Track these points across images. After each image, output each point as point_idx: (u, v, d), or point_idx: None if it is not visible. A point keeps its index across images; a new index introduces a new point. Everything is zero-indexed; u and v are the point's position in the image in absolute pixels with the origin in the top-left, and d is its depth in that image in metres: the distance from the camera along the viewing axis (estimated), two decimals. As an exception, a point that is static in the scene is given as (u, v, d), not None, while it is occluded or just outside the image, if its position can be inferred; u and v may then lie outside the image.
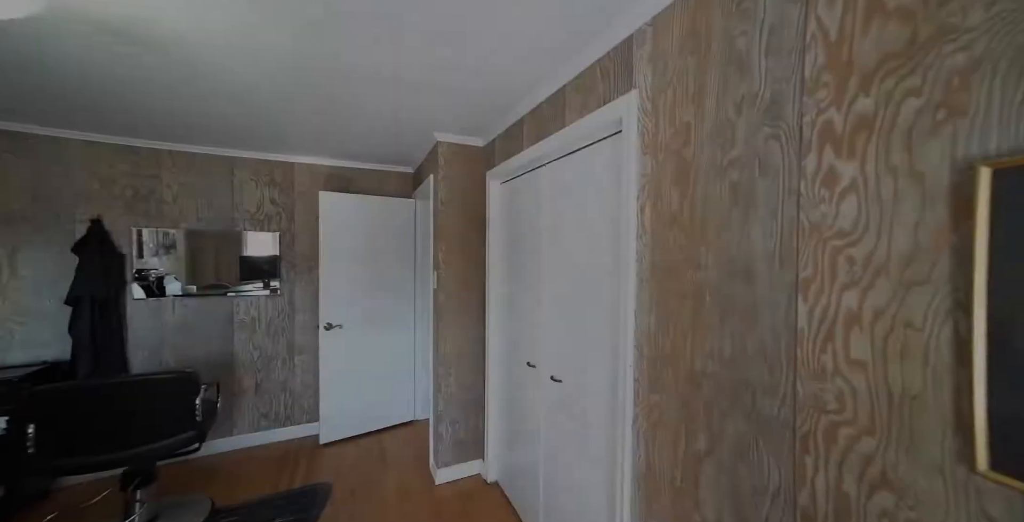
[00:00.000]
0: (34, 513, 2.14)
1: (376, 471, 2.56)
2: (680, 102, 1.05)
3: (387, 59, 1.48)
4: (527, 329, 2.03)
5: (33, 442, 1.68)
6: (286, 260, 2.92)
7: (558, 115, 1.64)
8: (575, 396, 1.60)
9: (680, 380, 1.05)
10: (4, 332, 2.30)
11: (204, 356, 2.72)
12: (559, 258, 1.72)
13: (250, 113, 2.07)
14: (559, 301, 1.72)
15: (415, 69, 1.56)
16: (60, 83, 1.73)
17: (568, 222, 1.65)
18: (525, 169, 2.03)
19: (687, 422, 1.02)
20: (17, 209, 2.30)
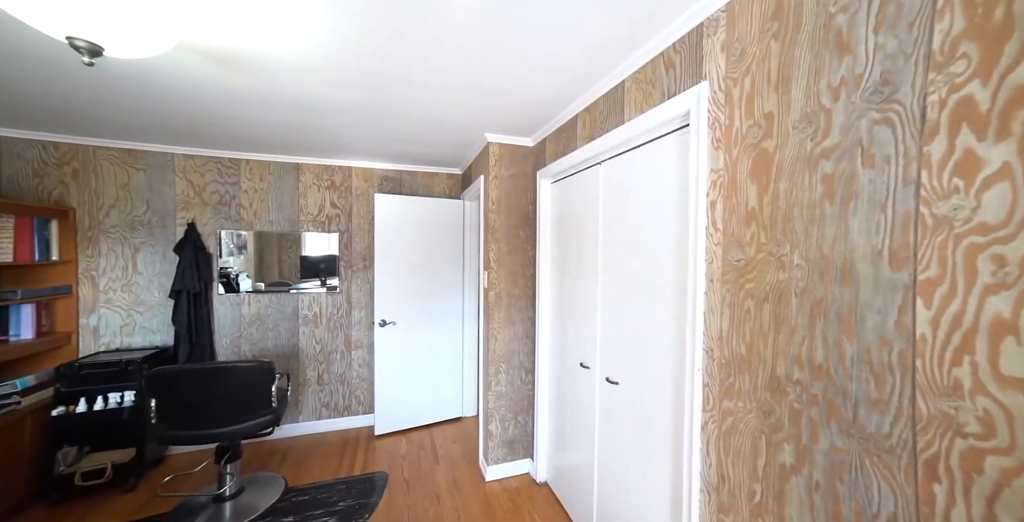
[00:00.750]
0: (155, 475, 2.48)
1: (428, 465, 2.63)
2: (760, 91, 0.98)
3: (447, 64, 1.51)
4: (580, 330, 1.99)
5: (155, 414, 1.95)
6: (344, 259, 3.07)
7: (616, 112, 1.59)
8: (634, 399, 1.54)
9: (759, 386, 0.98)
10: (128, 320, 2.62)
11: (274, 347, 2.92)
12: (615, 257, 1.67)
13: (317, 122, 2.20)
14: (616, 302, 1.67)
15: (472, 72, 1.58)
16: (170, 105, 1.93)
17: (626, 220, 1.59)
18: (578, 168, 1.99)
19: (770, 432, 0.95)
20: (137, 215, 2.61)
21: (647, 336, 1.47)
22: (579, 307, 2.00)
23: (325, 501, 2.23)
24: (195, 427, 1.99)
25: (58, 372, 2.23)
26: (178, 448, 2.72)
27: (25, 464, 2.11)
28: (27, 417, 2.12)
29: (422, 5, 1.16)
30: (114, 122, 2.21)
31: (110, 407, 2.27)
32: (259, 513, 2.11)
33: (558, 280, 2.28)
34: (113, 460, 2.26)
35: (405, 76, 1.62)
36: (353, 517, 2.10)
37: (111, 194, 2.58)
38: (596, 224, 1.82)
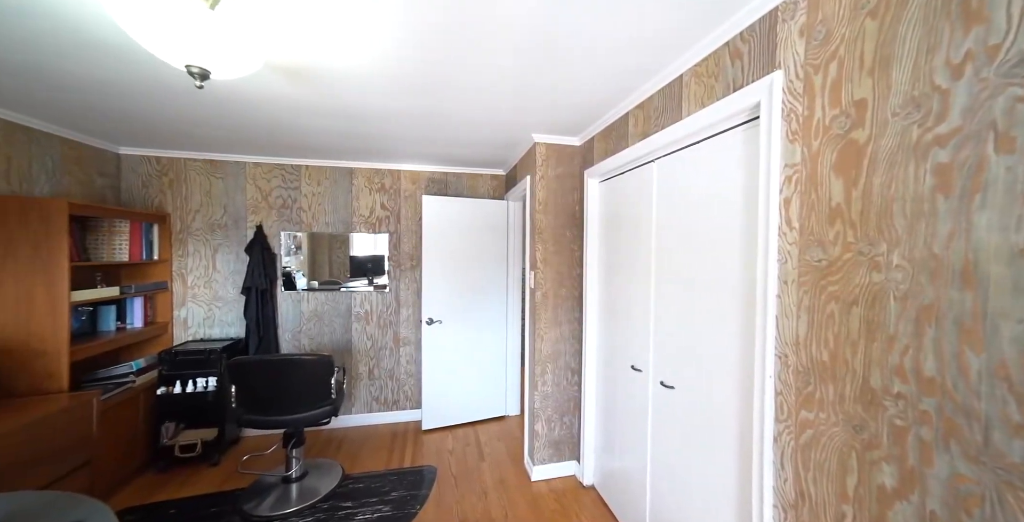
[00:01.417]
0: (233, 453, 2.72)
1: (474, 461, 2.65)
2: (849, 77, 0.89)
3: (498, 66, 1.51)
4: (631, 331, 1.92)
5: (234, 399, 2.14)
6: (392, 259, 3.17)
7: (673, 107, 1.52)
8: (692, 405, 1.47)
9: (847, 398, 0.89)
10: (209, 313, 2.88)
11: (330, 342, 3.08)
12: (670, 258, 1.59)
13: (370, 128, 2.29)
14: (671, 304, 1.60)
15: (523, 74, 1.57)
16: (246, 118, 2.10)
17: (683, 220, 1.52)
18: (628, 166, 1.93)
19: (862, 449, 0.86)
20: (215, 219, 2.87)
21: (707, 340, 1.39)
22: (630, 309, 1.93)
23: (379, 490, 2.31)
24: (266, 413, 2.14)
25: (160, 357, 2.51)
26: (250, 431, 2.94)
27: (141, 434, 2.43)
28: (140, 394, 2.42)
29: (483, 8, 1.16)
30: (201, 136, 2.43)
31: (198, 390, 2.51)
32: (320, 497, 2.22)
33: (606, 281, 2.22)
34: (201, 437, 2.49)
35: (455, 80, 1.64)
36: (405, 507, 2.16)
37: (197, 200, 2.84)
38: (649, 224, 1.75)
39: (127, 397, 2.31)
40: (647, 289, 1.77)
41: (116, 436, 2.24)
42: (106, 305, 2.45)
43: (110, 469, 2.19)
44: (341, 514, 2.10)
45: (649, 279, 1.75)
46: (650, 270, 1.75)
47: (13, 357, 1.98)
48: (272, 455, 2.66)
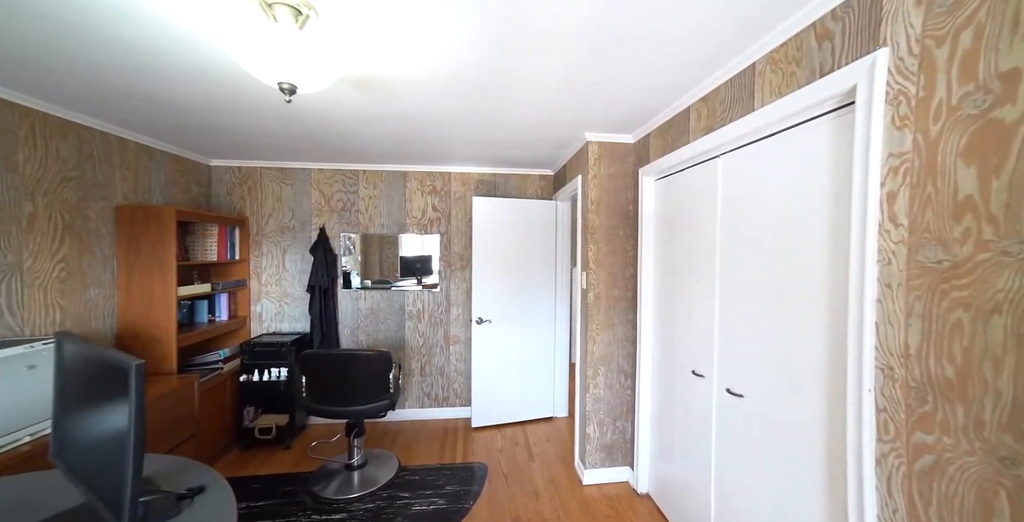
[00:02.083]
0: (301, 439, 2.90)
1: (524, 461, 2.63)
2: (991, 45, 0.75)
3: (555, 66, 1.48)
4: (692, 335, 1.81)
5: (305, 388, 2.28)
6: (443, 259, 3.23)
7: (743, 98, 1.40)
8: (765, 416, 1.34)
9: (988, 424, 0.75)
10: (280, 309, 3.11)
11: (385, 339, 3.19)
12: (738, 258, 1.47)
13: (425, 132, 2.34)
14: (738, 308, 1.47)
15: (580, 71, 1.52)
16: (315, 127, 2.23)
17: (753, 218, 1.40)
18: (689, 163, 1.81)
19: (1016, 489, 0.72)
20: (285, 222, 3.10)
21: (783, 347, 1.26)
22: (690, 311, 1.82)
23: (433, 483, 2.36)
24: (332, 403, 2.25)
25: (242, 347, 2.75)
26: (316, 419, 3.13)
27: (228, 416, 2.69)
28: (227, 380, 2.67)
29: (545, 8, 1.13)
30: (274, 146, 2.61)
31: (272, 380, 2.71)
32: (380, 485, 2.30)
33: (663, 282, 2.11)
34: (276, 423, 2.69)
35: (512, 82, 1.63)
36: (459, 501, 2.18)
37: (269, 205, 3.06)
38: (712, 222, 1.63)
39: (217, 382, 2.56)
40: (710, 291, 1.65)
41: (211, 415, 2.49)
42: (200, 300, 2.70)
43: (207, 444, 2.45)
44: (399, 504, 2.16)
45: (712, 281, 1.63)
46: (714, 271, 1.63)
47: (140, 342, 2.28)
48: (336, 443, 2.80)
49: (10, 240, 1.77)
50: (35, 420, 1.49)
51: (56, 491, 1.06)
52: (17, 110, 1.79)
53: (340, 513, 2.09)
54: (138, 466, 0.79)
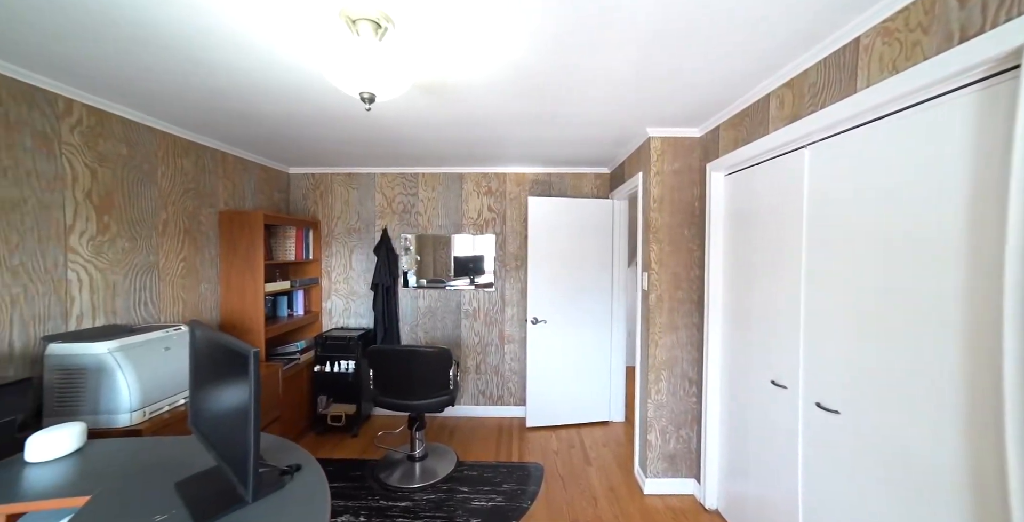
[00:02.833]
0: (366, 428, 3.08)
1: (580, 464, 2.59)
2: None
3: (618, 60, 1.44)
4: (771, 342, 1.66)
5: (372, 380, 2.42)
6: (498, 259, 3.27)
7: (841, 80, 1.27)
8: (870, 438, 1.20)
9: None
10: (347, 306, 3.35)
11: (442, 337, 3.30)
12: (830, 258, 1.33)
13: (485, 134, 2.40)
14: (831, 313, 1.33)
15: (645, 63, 1.48)
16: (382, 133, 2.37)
17: (849, 213, 1.26)
18: (767, 155, 1.68)
19: None
20: (351, 224, 3.33)
21: (897, 360, 1.11)
22: (769, 316, 1.68)
23: (490, 480, 2.39)
24: (396, 396, 2.37)
25: (315, 340, 2.97)
26: (379, 410, 3.31)
27: (305, 402, 2.93)
28: (304, 370, 2.92)
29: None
30: (344, 153, 2.81)
31: (341, 371, 2.90)
32: (440, 478, 2.38)
33: (734, 284, 1.97)
34: (345, 411, 2.88)
35: (575, 79, 1.62)
36: (516, 500, 2.19)
37: (338, 208, 3.29)
38: (797, 219, 1.49)
39: (296, 371, 2.81)
40: (794, 294, 1.51)
41: (291, 401, 2.74)
42: (281, 296, 2.98)
43: (289, 426, 2.70)
44: (459, 497, 2.22)
45: (797, 283, 1.49)
46: (799, 272, 1.49)
47: (237, 332, 2.57)
48: (399, 435, 2.93)
49: (151, 243, 2.11)
50: (172, 393, 1.75)
51: (196, 453, 1.24)
52: (157, 135, 2.14)
53: (404, 501, 2.18)
54: (257, 439, 0.90)
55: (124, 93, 1.77)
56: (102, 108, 1.86)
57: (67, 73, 1.57)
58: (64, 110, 1.71)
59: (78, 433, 1.27)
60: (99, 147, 1.86)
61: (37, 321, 1.62)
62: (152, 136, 2.12)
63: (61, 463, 1.21)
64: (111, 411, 1.55)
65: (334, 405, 2.92)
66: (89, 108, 1.81)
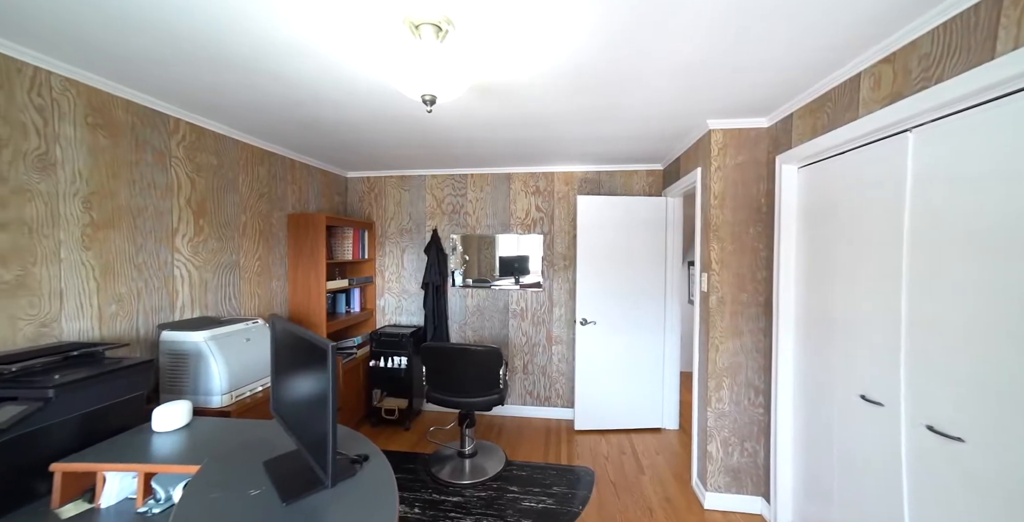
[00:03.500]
0: (417, 422, 3.16)
1: (632, 472, 2.47)
2: None
3: (683, 47, 1.34)
4: (859, 352, 1.48)
5: (425, 377, 2.47)
6: (546, 259, 3.22)
7: (970, 46, 1.08)
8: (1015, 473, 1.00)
9: None
10: (398, 304, 3.46)
11: (490, 336, 3.30)
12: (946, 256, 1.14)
13: (536, 133, 2.36)
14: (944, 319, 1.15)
15: (710, 51, 1.36)
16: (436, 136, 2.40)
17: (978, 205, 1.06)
18: (854, 143, 1.49)
19: None
20: (403, 225, 3.43)
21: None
22: (856, 323, 1.49)
23: (540, 481, 2.34)
24: (448, 393, 2.39)
25: (370, 336, 3.10)
26: (429, 406, 3.38)
27: (362, 395, 3.07)
28: (360, 364, 3.05)
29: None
30: (397, 156, 2.90)
31: (394, 367, 2.99)
32: (490, 476, 2.37)
33: (810, 287, 1.78)
34: (398, 406, 2.97)
35: (633, 72, 1.54)
36: (567, 504, 2.13)
37: (391, 210, 3.41)
38: (896, 214, 1.31)
39: (353, 365, 2.94)
40: (891, 298, 1.32)
41: (350, 393, 2.88)
42: (339, 293, 3.13)
43: (347, 417, 2.83)
44: (509, 497, 2.20)
45: (897, 285, 1.30)
46: (898, 274, 1.30)
47: (302, 326, 2.71)
48: (450, 430, 2.98)
49: (234, 244, 2.30)
50: (252, 380, 1.89)
51: (277, 436, 1.32)
52: (239, 145, 2.34)
53: (455, 496, 2.20)
54: (335, 428, 0.94)
55: (215, 109, 1.94)
56: (199, 124, 2.06)
57: (175, 94, 1.76)
58: (173, 128, 1.93)
59: (187, 410, 1.43)
60: (196, 159, 2.06)
61: (153, 311, 1.85)
62: (236, 147, 2.31)
63: (176, 434, 1.36)
64: (207, 393, 1.72)
65: (387, 399, 3.02)
66: (190, 125, 2.02)
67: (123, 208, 1.72)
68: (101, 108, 1.63)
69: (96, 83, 1.59)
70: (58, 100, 1.49)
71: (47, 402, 1.14)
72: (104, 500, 1.16)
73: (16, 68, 1.36)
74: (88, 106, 1.58)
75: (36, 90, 1.42)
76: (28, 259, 1.41)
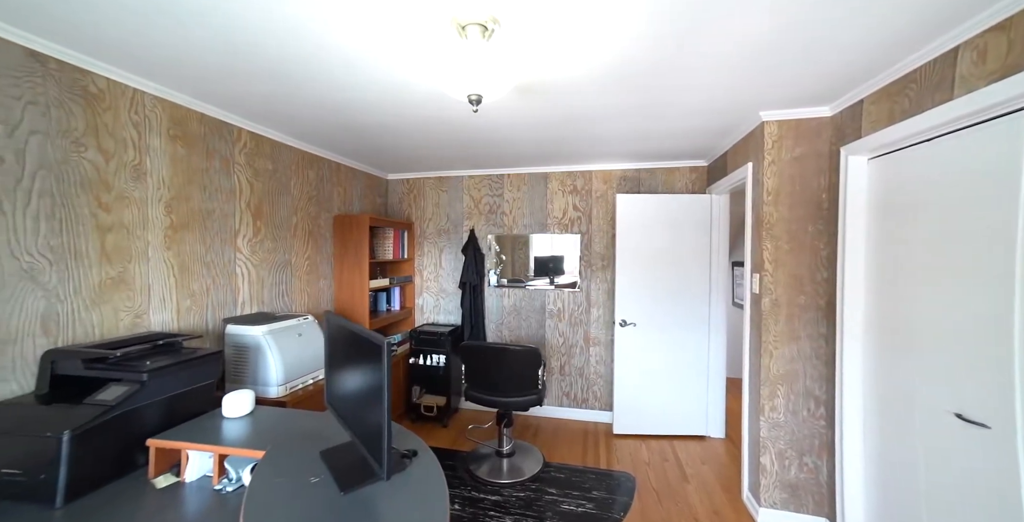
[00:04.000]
0: (455, 419, 3.16)
1: (676, 480, 2.34)
2: None
3: (742, 34, 1.23)
4: (953, 363, 1.30)
5: (464, 375, 2.47)
6: (583, 259, 3.12)
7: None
8: None
9: None
10: (437, 303, 3.49)
11: (526, 336, 3.25)
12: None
13: (575, 132, 2.29)
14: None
15: (768, 38, 1.26)
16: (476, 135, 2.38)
17: None
18: (948, 127, 1.30)
19: None
20: (441, 225, 3.46)
21: None
22: (946, 331, 1.32)
23: (579, 485, 2.26)
24: (487, 392, 2.36)
25: (410, 334, 3.13)
26: (467, 404, 3.37)
27: (402, 392, 3.12)
28: (401, 361, 3.10)
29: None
30: (436, 158, 2.91)
31: (432, 365, 3.00)
32: (528, 477, 2.32)
33: (881, 290, 1.61)
34: (436, 403, 2.98)
35: (684, 65, 1.45)
36: (608, 510, 2.04)
37: (430, 210, 3.44)
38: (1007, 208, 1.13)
39: (395, 361, 3.00)
40: (1002, 303, 1.15)
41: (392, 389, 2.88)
42: (381, 292, 3.19)
43: (389, 412, 2.87)
44: (548, 499, 2.13)
45: (1009, 289, 1.13)
46: (1011, 275, 1.12)
47: None
48: (487, 429, 2.95)
49: (286, 244, 2.41)
50: (304, 373, 1.96)
51: (331, 427, 1.36)
52: (292, 151, 2.46)
53: (494, 495, 2.16)
54: (390, 422, 0.95)
55: (272, 118, 2.04)
56: (258, 132, 2.18)
57: (239, 106, 1.88)
58: (236, 137, 2.06)
59: (251, 399, 1.50)
60: (255, 165, 2.18)
61: (219, 306, 1.97)
62: (289, 152, 2.41)
63: (242, 421, 1.43)
64: (264, 383, 1.80)
65: (426, 396, 3.04)
66: (250, 133, 2.14)
67: (195, 211, 1.84)
68: (181, 121, 1.77)
69: (177, 99, 1.74)
70: (149, 116, 1.64)
71: (143, 385, 1.25)
72: (188, 475, 1.25)
73: (121, 91, 1.55)
74: (171, 120, 1.73)
75: (134, 109, 1.59)
76: (126, 258, 1.57)
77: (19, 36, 1.25)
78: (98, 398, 1.20)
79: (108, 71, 1.48)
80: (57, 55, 1.34)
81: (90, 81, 1.44)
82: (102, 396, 1.21)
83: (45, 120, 1.33)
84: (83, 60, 1.40)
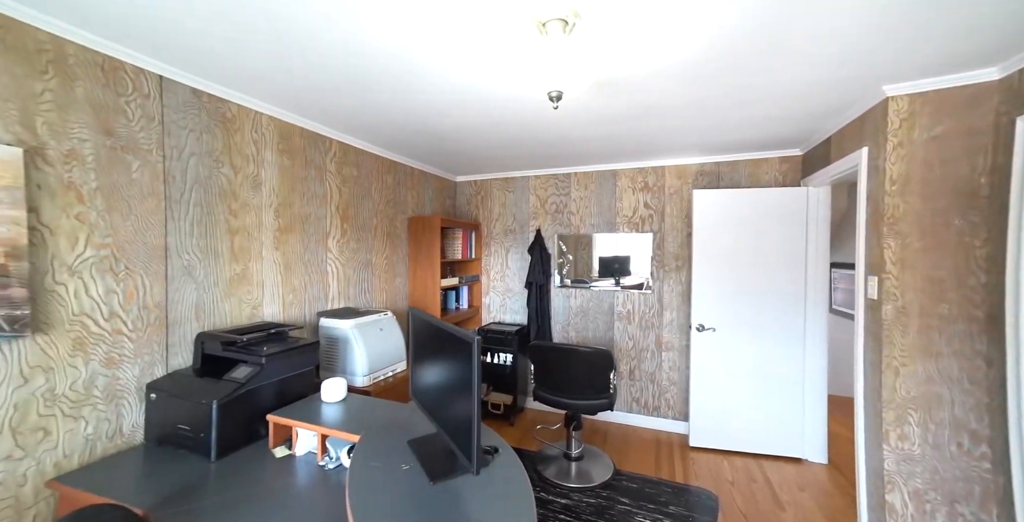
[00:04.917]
0: (520, 418, 3.12)
1: (767, 505, 2.05)
2: None
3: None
4: None
5: (533, 375, 2.40)
6: (655, 259, 2.90)
7: None
8: None
9: None
10: (502, 302, 3.50)
11: (593, 337, 3.10)
12: None
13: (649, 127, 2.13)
14: None
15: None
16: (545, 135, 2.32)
17: None
18: None
19: None
20: (507, 225, 3.45)
21: None
22: None
23: (654, 498, 2.09)
24: (556, 393, 2.28)
25: (478, 332, 3.15)
26: (532, 403, 3.32)
27: None
28: (469, 359, 3.11)
29: None
30: (502, 158, 2.89)
31: (499, 363, 2.99)
32: (597, 484, 2.20)
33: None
34: (503, 401, 2.96)
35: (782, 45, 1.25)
36: (690, 531, 1.83)
37: (496, 211, 3.45)
38: None
39: (464, 358, 3.00)
40: None
41: (460, 385, 2.95)
42: (450, 290, 3.27)
43: (458, 408, 2.92)
44: (620, 508, 2.00)
45: None
46: None
47: None
48: (556, 430, 2.87)
49: (368, 244, 2.56)
50: (385, 365, 2.05)
51: (415, 418, 1.41)
52: (373, 157, 2.60)
53: (563, 499, 2.07)
54: (479, 418, 0.95)
55: (358, 128, 2.16)
56: (346, 141, 2.34)
57: (331, 118, 2.02)
58: (327, 147, 2.23)
59: (344, 386, 1.61)
60: (343, 171, 2.35)
61: (314, 300, 2.16)
62: (371, 159, 2.56)
63: (338, 406, 1.53)
64: (351, 373, 1.91)
65: (493, 394, 3.04)
66: (339, 143, 2.31)
67: (296, 216, 2.03)
68: (287, 136, 1.98)
69: (285, 117, 1.94)
70: (264, 133, 1.86)
71: (262, 367, 1.42)
72: (298, 450, 1.38)
73: (247, 114, 1.77)
74: (279, 135, 1.94)
75: (255, 128, 1.82)
76: (247, 256, 1.79)
77: (187, 78, 1.52)
78: (232, 376, 1.40)
79: (242, 99, 1.72)
80: (209, 90, 1.60)
81: (227, 108, 1.69)
82: (234, 374, 1.40)
83: (199, 143, 1.59)
84: (225, 92, 1.66)
